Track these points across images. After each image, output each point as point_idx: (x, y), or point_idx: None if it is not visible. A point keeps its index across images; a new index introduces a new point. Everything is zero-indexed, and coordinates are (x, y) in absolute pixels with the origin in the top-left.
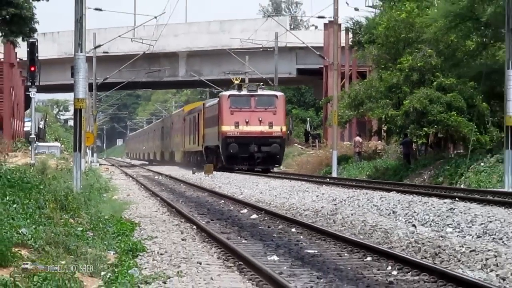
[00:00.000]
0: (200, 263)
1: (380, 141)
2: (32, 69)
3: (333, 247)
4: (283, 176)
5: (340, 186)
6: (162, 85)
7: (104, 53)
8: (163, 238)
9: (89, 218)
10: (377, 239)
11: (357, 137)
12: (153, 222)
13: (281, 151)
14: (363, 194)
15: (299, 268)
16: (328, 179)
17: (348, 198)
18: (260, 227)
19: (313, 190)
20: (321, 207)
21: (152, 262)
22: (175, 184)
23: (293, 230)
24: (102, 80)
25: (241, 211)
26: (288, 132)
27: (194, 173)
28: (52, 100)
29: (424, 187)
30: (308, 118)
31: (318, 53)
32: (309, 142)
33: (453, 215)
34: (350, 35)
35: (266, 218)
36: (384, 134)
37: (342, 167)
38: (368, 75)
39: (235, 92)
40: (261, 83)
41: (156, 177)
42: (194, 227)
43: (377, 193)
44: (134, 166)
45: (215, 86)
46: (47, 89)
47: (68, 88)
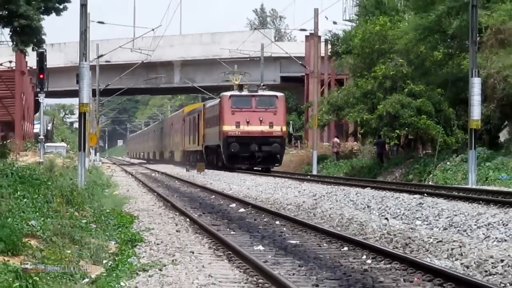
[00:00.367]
0: (193, 252)
1: (356, 142)
2: (41, 76)
3: (313, 238)
4: (268, 173)
5: (320, 183)
6: (158, 91)
7: (106, 62)
8: (159, 229)
9: (92, 211)
10: (353, 231)
11: (335, 138)
12: (150, 215)
13: (281, 151)
14: (340, 190)
15: (283, 257)
16: (309, 177)
17: (327, 193)
18: (247, 220)
19: (295, 187)
20: (303, 202)
21: (149, 251)
22: (170, 181)
23: (277, 222)
24: (104, 86)
25: (230, 205)
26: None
27: (187, 170)
28: (59, 104)
29: (395, 183)
30: (291, 121)
31: (300, 62)
32: (292, 143)
33: (422, 209)
34: (329, 46)
35: (252, 212)
36: (360, 136)
37: (322, 166)
38: (345, 82)
39: (236, 93)
40: (262, 84)
41: (153, 174)
42: (188, 219)
43: (353, 189)
44: (133, 164)
45: (207, 92)
46: (55, 94)
47: (74, 94)
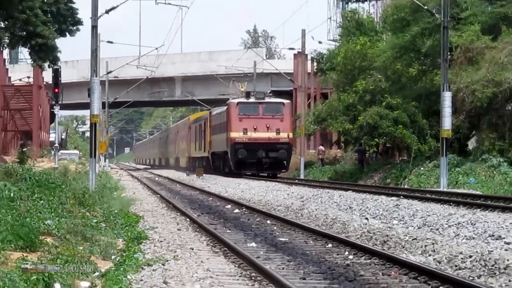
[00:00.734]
0: (193, 249)
1: (339, 150)
2: (56, 90)
3: (301, 236)
4: (260, 178)
5: (307, 186)
6: (161, 104)
7: (114, 77)
8: (162, 228)
9: (102, 212)
10: (336, 229)
11: (320, 146)
12: (154, 215)
13: (288, 157)
14: (325, 193)
15: (273, 253)
16: (296, 181)
17: (313, 196)
18: (242, 220)
19: (284, 190)
20: (291, 203)
21: (153, 248)
22: (172, 185)
23: (268, 222)
24: (113, 99)
25: (226, 206)
26: None
27: (187, 175)
28: (72, 115)
29: (375, 187)
30: None
31: (289, 78)
32: None
33: (399, 210)
34: (315, 63)
35: (246, 212)
36: (342, 144)
37: (308, 171)
38: (329, 96)
39: (243, 100)
40: (269, 91)
41: (156, 179)
42: (188, 219)
43: (336, 192)
44: (139, 169)
45: (205, 105)
46: (68, 106)
47: (85, 106)
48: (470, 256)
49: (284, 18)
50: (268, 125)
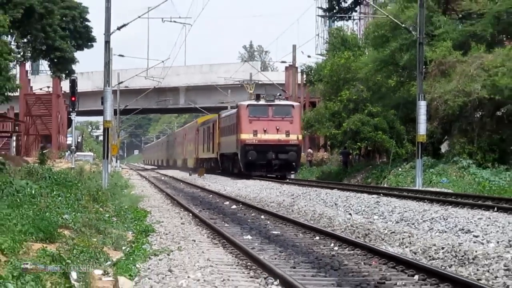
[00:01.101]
0: (195, 241)
1: (325, 152)
2: (73, 99)
3: (291, 229)
4: (255, 178)
5: (297, 185)
6: (167, 111)
7: (125, 87)
8: (167, 222)
9: (114, 207)
10: (323, 224)
11: (309, 149)
12: (160, 211)
13: (297, 159)
14: (313, 191)
15: (267, 244)
16: (287, 180)
17: (302, 193)
18: (238, 215)
19: (277, 188)
20: (283, 200)
21: (160, 240)
22: (176, 183)
23: (262, 217)
24: (124, 107)
25: (224, 203)
26: None
27: (190, 175)
28: (87, 121)
29: (357, 186)
30: None
31: (281, 88)
32: None
33: (379, 206)
34: (304, 75)
35: (242, 208)
36: (329, 147)
37: (298, 171)
38: (317, 104)
39: (253, 102)
40: (279, 94)
41: (162, 178)
42: (190, 214)
43: (323, 190)
44: (147, 170)
45: (206, 112)
46: (84, 113)
47: (99, 113)
48: (443, 248)
49: (277, 35)
50: (278, 127)
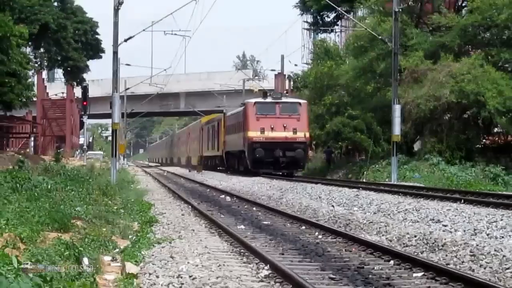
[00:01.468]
0: (194, 230)
1: (310, 151)
2: (85, 103)
3: (280, 220)
4: (247, 174)
5: (285, 180)
6: (169, 114)
7: (131, 93)
8: (169, 213)
9: (121, 200)
10: (308, 215)
11: None
12: (163, 203)
13: (304, 156)
14: (300, 185)
15: (258, 233)
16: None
17: (290, 188)
18: (233, 207)
19: (267, 183)
20: (272, 194)
21: (162, 229)
22: (177, 179)
23: (254, 208)
24: (130, 110)
25: (220, 196)
26: None
27: (190, 171)
28: (97, 123)
29: (339, 181)
30: None
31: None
32: None
33: (358, 199)
34: (292, 82)
35: (236, 201)
36: (313, 146)
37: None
38: None
39: (260, 99)
40: (285, 91)
41: (165, 174)
42: (190, 206)
43: (309, 185)
44: (151, 167)
45: (204, 115)
46: (94, 116)
47: (108, 116)
48: (415, 236)
49: (267, 45)
50: (285, 125)
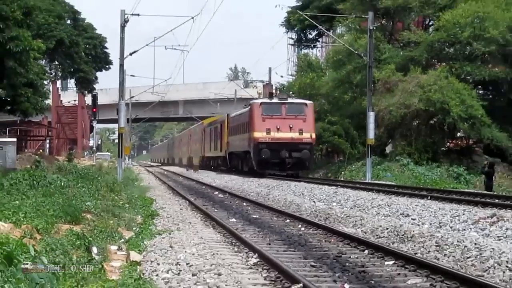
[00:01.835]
0: (191, 223)
1: None
2: (94, 110)
3: (267, 214)
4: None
5: (272, 179)
6: (169, 119)
7: (135, 100)
8: (169, 208)
9: (126, 196)
10: (292, 209)
11: None
12: (163, 199)
13: (310, 157)
14: (285, 183)
15: (248, 226)
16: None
17: (276, 185)
18: (225, 202)
19: (256, 181)
20: (261, 191)
21: (163, 222)
22: (176, 177)
23: (244, 204)
24: (134, 116)
25: (214, 193)
26: None
27: (187, 170)
28: (105, 128)
29: (320, 179)
30: None
31: None
32: None
33: (337, 195)
34: (278, 92)
35: (228, 197)
36: None
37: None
38: None
39: (266, 100)
40: (291, 92)
41: (165, 173)
42: (187, 202)
43: (293, 183)
44: (153, 166)
45: (200, 120)
46: (102, 121)
47: (115, 121)
48: (387, 228)
49: (256, 59)
50: (291, 125)
